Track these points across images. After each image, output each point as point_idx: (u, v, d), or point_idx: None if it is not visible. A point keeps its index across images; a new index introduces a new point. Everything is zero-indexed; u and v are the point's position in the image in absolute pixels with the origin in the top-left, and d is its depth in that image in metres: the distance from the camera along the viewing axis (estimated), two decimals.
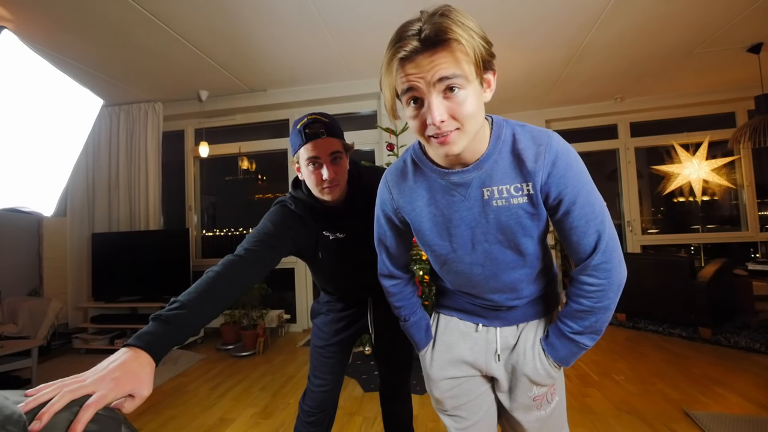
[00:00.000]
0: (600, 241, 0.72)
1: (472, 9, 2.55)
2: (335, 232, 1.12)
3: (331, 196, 1.03)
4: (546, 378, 0.83)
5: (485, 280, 0.82)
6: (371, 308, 1.28)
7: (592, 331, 0.77)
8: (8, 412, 0.44)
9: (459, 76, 0.61)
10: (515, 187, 0.73)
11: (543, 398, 0.85)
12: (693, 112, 4.50)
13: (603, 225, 0.73)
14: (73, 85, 2.49)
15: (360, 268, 1.17)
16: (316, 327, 1.30)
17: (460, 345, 0.90)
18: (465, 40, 0.59)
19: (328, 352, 1.25)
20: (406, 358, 1.38)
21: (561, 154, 0.71)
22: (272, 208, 1.10)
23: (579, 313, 0.77)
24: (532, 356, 0.83)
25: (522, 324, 0.87)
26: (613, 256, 0.73)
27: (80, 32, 2.64)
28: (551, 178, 0.71)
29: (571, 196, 0.71)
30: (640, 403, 2.06)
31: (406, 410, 1.43)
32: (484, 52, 0.63)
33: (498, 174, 0.73)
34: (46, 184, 2.33)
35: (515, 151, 0.72)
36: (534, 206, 0.73)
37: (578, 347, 0.79)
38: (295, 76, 3.53)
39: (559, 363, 0.81)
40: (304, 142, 1.00)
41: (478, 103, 0.65)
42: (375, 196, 1.00)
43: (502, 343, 0.87)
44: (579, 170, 0.72)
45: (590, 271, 0.74)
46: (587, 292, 0.75)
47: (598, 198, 0.74)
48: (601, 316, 0.75)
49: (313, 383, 1.26)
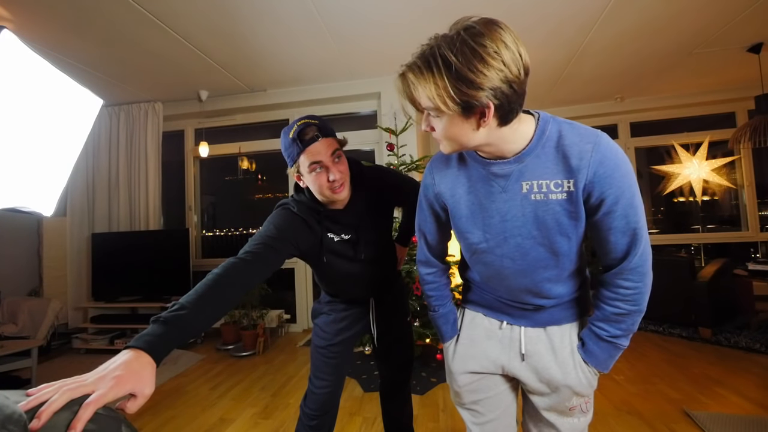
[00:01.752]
0: (638, 244, 0.73)
1: (472, 9, 2.55)
2: (340, 233, 1.11)
3: (341, 195, 1.03)
4: (588, 388, 0.83)
5: (514, 275, 0.82)
6: (374, 308, 1.27)
7: (629, 332, 0.78)
8: (9, 412, 0.44)
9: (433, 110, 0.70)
10: (555, 182, 0.73)
11: (578, 407, 0.85)
12: (693, 112, 4.50)
13: (642, 228, 0.73)
14: (73, 85, 2.49)
15: (365, 269, 1.18)
16: (318, 327, 1.28)
17: (483, 341, 0.91)
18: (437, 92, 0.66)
19: (330, 352, 1.24)
20: (408, 358, 1.37)
21: (610, 154, 0.70)
22: (274, 211, 1.08)
23: (616, 316, 0.77)
24: (573, 366, 0.82)
25: (550, 327, 0.85)
26: (648, 260, 0.75)
27: (80, 32, 2.64)
28: (597, 177, 0.70)
29: (614, 196, 0.71)
30: (640, 403, 2.06)
31: (406, 411, 1.43)
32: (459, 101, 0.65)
33: (539, 168, 0.73)
34: (46, 184, 2.33)
35: (560, 147, 0.73)
36: (573, 204, 0.73)
37: (617, 349, 0.79)
38: (295, 76, 3.53)
39: (600, 368, 0.81)
40: (302, 149, 0.98)
41: (458, 129, 0.70)
42: (379, 193, 1.07)
43: (527, 343, 0.85)
44: (626, 172, 0.71)
45: (627, 275, 0.74)
46: (624, 296, 0.75)
47: (641, 201, 0.74)
48: (637, 318, 0.77)
49: (314, 384, 1.24)
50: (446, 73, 0.63)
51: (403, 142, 3.23)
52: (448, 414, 2.05)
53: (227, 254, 0.91)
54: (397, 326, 1.33)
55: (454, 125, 0.69)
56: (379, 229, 1.20)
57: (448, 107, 0.65)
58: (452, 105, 0.64)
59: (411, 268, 2.70)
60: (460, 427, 1.92)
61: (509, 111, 0.67)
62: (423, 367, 2.65)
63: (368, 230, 1.15)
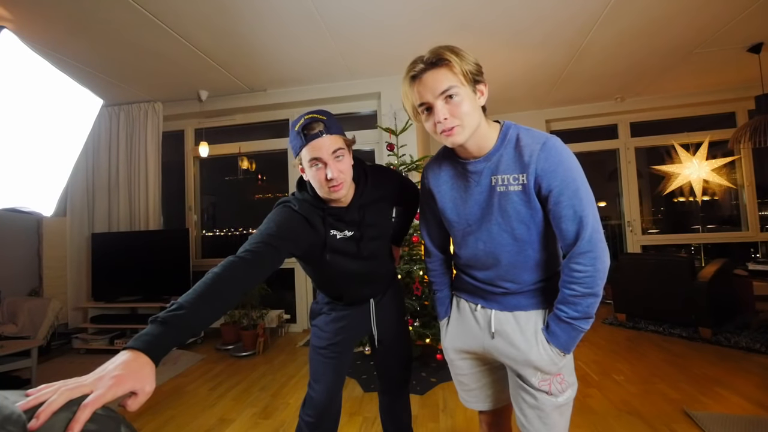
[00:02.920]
0: (584, 230, 0.83)
1: (472, 9, 2.55)
2: (343, 230, 1.11)
3: (337, 194, 1.02)
4: (550, 364, 0.90)
5: (486, 256, 0.96)
6: (374, 309, 1.27)
7: (586, 316, 0.86)
8: (8, 412, 0.44)
9: (455, 87, 0.84)
10: (513, 176, 0.87)
11: (550, 383, 0.92)
12: (693, 112, 4.50)
13: (588, 216, 0.83)
14: (73, 85, 2.49)
15: (367, 266, 1.19)
16: (317, 328, 1.26)
17: (466, 322, 1.05)
18: (462, 68, 0.84)
19: (331, 352, 1.22)
20: (407, 357, 1.37)
21: (554, 152, 0.84)
22: (275, 209, 1.07)
23: (573, 298, 0.85)
24: (536, 343, 0.91)
25: (518, 312, 0.95)
26: (597, 246, 0.83)
27: (80, 32, 2.64)
28: (542, 171, 0.84)
29: (559, 188, 0.83)
30: (640, 403, 2.06)
31: (406, 411, 1.43)
32: (472, 77, 0.86)
33: (503, 165, 0.89)
34: (46, 184, 2.33)
35: (518, 148, 0.88)
36: (526, 195, 0.86)
37: (576, 331, 0.87)
38: (295, 76, 3.53)
39: (562, 349, 0.89)
40: (305, 144, 0.98)
41: (473, 108, 0.86)
42: (381, 192, 1.18)
43: (496, 323, 0.97)
44: (569, 167, 0.84)
45: (578, 259, 0.84)
46: (577, 279, 0.84)
47: (587, 194, 0.85)
48: (592, 300, 0.85)
49: (314, 389, 1.22)
50: (465, 56, 0.89)
51: (403, 142, 3.23)
52: (448, 414, 2.05)
53: (227, 254, 0.89)
54: (396, 326, 1.33)
55: (471, 103, 0.85)
56: (380, 227, 1.21)
57: (464, 82, 0.85)
58: (468, 80, 0.85)
59: (411, 268, 2.70)
60: (460, 427, 1.92)
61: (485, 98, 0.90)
62: (423, 367, 2.65)
63: (370, 227, 1.16)
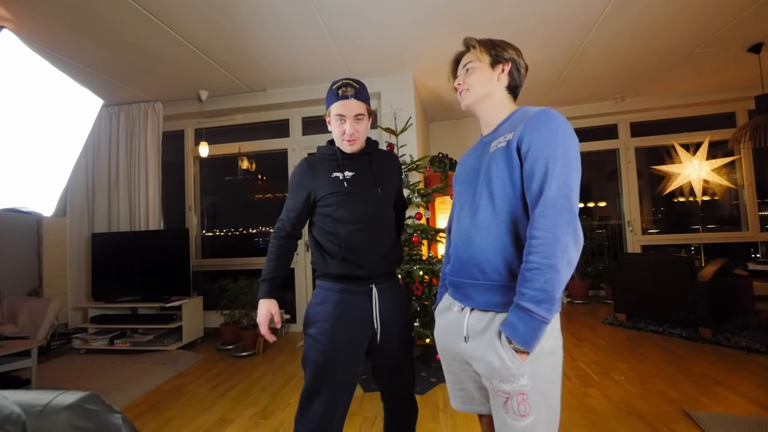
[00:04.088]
0: (547, 190, 0.79)
1: (473, 10, 2.55)
2: (358, 170, 1.26)
3: (351, 148, 1.24)
4: (504, 367, 0.81)
5: (467, 231, 0.94)
6: (376, 298, 1.20)
7: (545, 297, 0.76)
8: (7, 412, 0.44)
9: (473, 62, 1.00)
10: (504, 137, 0.90)
11: (508, 400, 0.81)
12: (693, 112, 4.50)
13: (552, 182, 0.79)
14: (73, 85, 2.49)
15: (380, 206, 1.26)
16: (311, 338, 1.18)
17: (443, 319, 1.04)
18: (481, 46, 1.00)
19: (326, 351, 1.14)
20: (409, 349, 1.29)
21: (546, 115, 0.85)
22: (293, 170, 1.30)
23: (529, 273, 0.78)
24: (493, 343, 0.84)
25: (492, 313, 0.88)
26: (559, 215, 0.78)
27: (80, 32, 2.64)
28: (527, 128, 0.85)
29: (538, 145, 0.82)
30: (640, 403, 2.06)
31: (414, 410, 1.34)
32: (492, 51, 0.99)
33: (501, 132, 0.94)
34: (46, 184, 2.33)
35: (518, 115, 0.94)
36: (508, 150, 0.87)
37: (535, 320, 0.77)
38: (295, 76, 3.53)
39: (520, 343, 0.78)
40: (336, 101, 1.21)
41: (484, 79, 0.99)
42: (388, 164, 1.33)
43: (469, 326, 0.91)
44: (556, 129, 0.83)
45: (536, 223, 0.79)
46: (533, 247, 0.78)
47: (567, 160, 0.81)
48: (550, 276, 0.76)
49: (310, 409, 1.14)
50: (490, 43, 1.01)
51: (403, 142, 3.23)
52: (448, 414, 2.05)
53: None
54: (400, 319, 1.26)
55: (484, 74, 0.98)
56: (386, 181, 1.30)
57: (483, 60, 0.99)
58: (487, 58, 0.99)
59: (411, 268, 2.70)
60: (460, 427, 1.92)
61: (514, 80, 1.00)
62: (423, 367, 2.65)
63: (372, 172, 1.27)
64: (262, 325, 1.20)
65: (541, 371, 0.82)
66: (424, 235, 2.83)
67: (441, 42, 2.98)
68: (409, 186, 3.06)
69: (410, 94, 3.57)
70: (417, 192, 2.98)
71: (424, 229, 2.83)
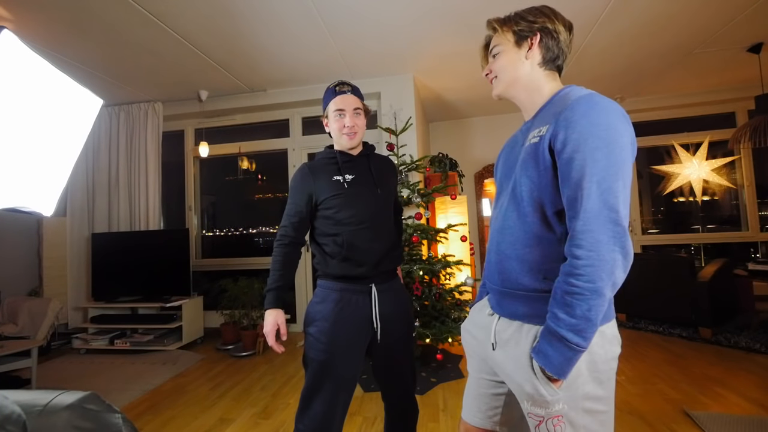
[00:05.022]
0: (587, 201, 0.66)
1: (472, 10, 2.55)
2: (357, 172, 1.27)
3: (350, 142, 1.25)
4: (536, 395, 0.74)
5: (495, 233, 0.87)
6: (376, 297, 1.20)
7: (587, 326, 0.67)
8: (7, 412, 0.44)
9: (497, 45, 0.89)
10: (539, 129, 0.78)
11: (543, 422, 0.74)
12: (693, 112, 4.50)
13: (592, 191, 0.66)
14: (73, 85, 2.49)
15: (381, 206, 1.27)
16: (312, 337, 1.19)
17: (474, 316, 0.99)
18: (501, 26, 0.88)
19: (327, 350, 1.15)
20: (410, 349, 1.30)
21: (583, 102, 0.70)
22: (293, 176, 1.30)
23: (568, 297, 0.67)
24: (527, 367, 0.76)
25: (518, 323, 0.81)
26: (603, 230, 0.66)
27: (80, 32, 2.64)
28: (563, 119, 0.70)
29: (576, 142, 0.68)
30: (640, 403, 2.06)
31: (414, 410, 1.35)
32: (516, 28, 0.86)
33: (539, 121, 0.81)
34: (46, 184, 2.33)
35: (560, 100, 0.78)
36: (539, 148, 0.75)
37: (572, 350, 0.67)
38: (295, 76, 3.53)
39: (554, 373, 0.70)
40: (334, 97, 1.24)
41: (509, 62, 0.87)
42: (386, 168, 1.34)
43: (497, 332, 0.85)
44: (597, 122, 0.67)
45: (578, 240, 0.67)
46: (576, 268, 0.67)
47: (613, 162, 0.66)
48: (595, 302, 0.66)
49: (310, 409, 1.14)
50: (513, 17, 0.88)
51: (403, 142, 3.23)
52: (449, 414, 2.05)
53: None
54: (399, 318, 1.26)
55: (509, 57, 0.86)
56: (386, 183, 1.32)
57: (508, 39, 0.86)
58: (512, 36, 0.86)
59: (411, 268, 2.70)
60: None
61: (550, 52, 0.84)
62: (423, 367, 2.65)
63: (371, 176, 1.29)
64: (270, 336, 1.18)
65: (582, 391, 0.72)
66: (424, 235, 2.83)
67: (441, 42, 2.98)
68: (409, 186, 3.06)
69: (410, 94, 3.57)
70: (417, 192, 2.98)
71: (424, 229, 2.83)
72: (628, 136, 0.69)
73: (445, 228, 2.91)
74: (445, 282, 2.84)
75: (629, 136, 0.69)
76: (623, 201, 0.67)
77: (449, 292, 2.78)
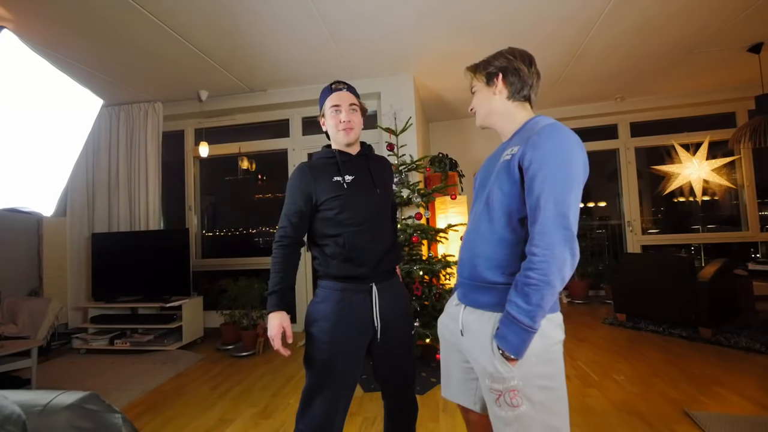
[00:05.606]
0: (546, 210, 0.82)
1: (473, 10, 2.55)
2: (356, 172, 1.27)
3: (348, 137, 1.25)
4: (495, 373, 0.88)
5: (469, 234, 1.03)
6: (376, 296, 1.21)
7: (538, 312, 0.83)
8: (7, 412, 0.44)
9: (475, 86, 1.08)
10: (512, 149, 0.93)
11: (501, 396, 0.88)
12: (693, 112, 4.50)
13: (549, 203, 0.82)
14: (73, 85, 2.49)
15: (381, 205, 1.27)
16: (313, 337, 1.19)
17: (448, 310, 1.13)
18: (474, 71, 1.07)
19: (330, 351, 1.16)
20: (410, 348, 1.30)
21: (552, 130, 0.86)
22: (291, 175, 1.28)
23: (527, 288, 0.82)
24: (488, 348, 0.91)
25: (481, 311, 0.97)
26: (556, 233, 0.81)
27: (80, 32, 2.64)
28: (530, 143, 0.87)
29: (539, 163, 0.84)
30: (640, 403, 2.06)
31: (414, 410, 1.34)
32: (484, 72, 1.05)
33: (513, 143, 0.96)
34: (46, 184, 2.33)
35: (530, 127, 0.94)
36: (510, 164, 0.91)
37: (526, 332, 0.83)
38: (295, 76, 3.53)
39: (512, 353, 0.85)
40: (330, 93, 1.26)
41: (483, 99, 1.06)
42: (384, 168, 1.36)
43: (463, 320, 1.00)
44: (559, 148, 0.84)
45: (536, 240, 0.83)
46: (533, 264, 0.82)
47: (566, 180, 0.83)
48: (547, 292, 0.81)
49: (309, 409, 1.14)
50: (482, 64, 1.06)
51: (403, 142, 3.23)
52: (449, 414, 2.05)
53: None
54: (399, 318, 1.26)
55: (482, 94, 1.05)
56: (384, 183, 1.32)
57: (479, 80, 1.05)
58: (482, 77, 1.04)
59: (411, 268, 2.70)
60: (460, 427, 1.92)
61: (514, 86, 1.00)
62: (423, 367, 2.65)
63: (370, 176, 1.29)
64: (275, 339, 1.15)
65: (535, 371, 0.88)
66: (424, 235, 2.83)
67: (441, 42, 2.98)
68: (409, 186, 3.06)
69: (410, 94, 3.57)
70: (417, 192, 2.98)
71: (424, 229, 2.83)
72: (581, 160, 0.85)
73: (445, 228, 2.91)
74: (445, 282, 2.85)
75: (582, 159, 0.86)
76: (573, 211, 0.83)
77: (449, 292, 2.78)
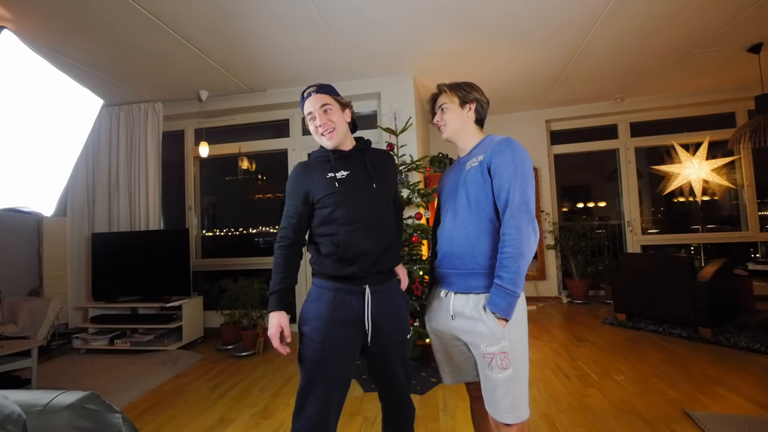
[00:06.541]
0: (512, 200, 1.09)
1: (473, 11, 2.55)
2: (351, 168, 1.27)
3: (330, 141, 1.25)
4: (491, 335, 1.09)
5: (450, 231, 1.20)
6: (369, 299, 1.20)
7: (518, 278, 1.05)
8: (8, 412, 0.44)
9: (446, 103, 1.28)
10: (477, 158, 1.19)
11: (493, 359, 1.09)
12: (693, 112, 4.50)
13: (516, 194, 1.09)
14: (73, 85, 2.49)
15: (378, 200, 1.25)
16: (305, 336, 1.19)
17: (433, 306, 1.28)
18: (450, 92, 1.27)
19: (322, 350, 1.15)
20: (404, 352, 1.28)
21: (504, 143, 1.15)
22: (289, 176, 1.30)
23: (506, 261, 1.05)
24: (480, 318, 1.11)
25: (471, 295, 1.15)
26: (522, 217, 1.07)
27: (80, 32, 2.64)
28: (493, 153, 1.14)
29: (498, 168, 1.12)
30: (640, 403, 2.06)
31: (410, 413, 1.33)
32: (459, 93, 1.27)
33: (476, 153, 1.22)
34: (46, 184, 2.33)
35: (488, 142, 1.22)
36: (481, 167, 1.16)
37: (511, 295, 1.06)
38: (295, 76, 3.53)
39: (503, 314, 1.06)
40: (303, 102, 1.27)
41: (455, 117, 1.27)
42: (384, 161, 1.36)
43: (455, 306, 1.17)
44: (515, 155, 1.12)
45: (506, 223, 1.08)
46: (506, 242, 1.07)
47: (523, 178, 1.10)
48: (521, 261, 1.05)
49: (304, 410, 1.14)
50: (457, 86, 1.28)
51: (403, 142, 3.23)
52: (449, 414, 2.05)
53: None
54: (392, 321, 1.24)
55: (455, 113, 1.26)
56: (384, 178, 1.29)
57: (453, 101, 1.26)
58: (457, 99, 1.26)
59: (411, 268, 2.70)
60: (460, 427, 1.92)
61: (478, 114, 1.27)
62: (423, 367, 2.66)
63: (367, 171, 1.27)
64: (274, 338, 1.18)
65: (517, 335, 1.11)
66: (424, 235, 2.83)
67: (441, 42, 2.98)
68: (409, 186, 3.06)
69: (410, 94, 3.57)
70: (417, 192, 2.98)
71: (424, 229, 2.83)
72: (530, 164, 1.14)
73: None
74: None
75: (530, 163, 1.14)
76: (532, 200, 1.10)
77: None
